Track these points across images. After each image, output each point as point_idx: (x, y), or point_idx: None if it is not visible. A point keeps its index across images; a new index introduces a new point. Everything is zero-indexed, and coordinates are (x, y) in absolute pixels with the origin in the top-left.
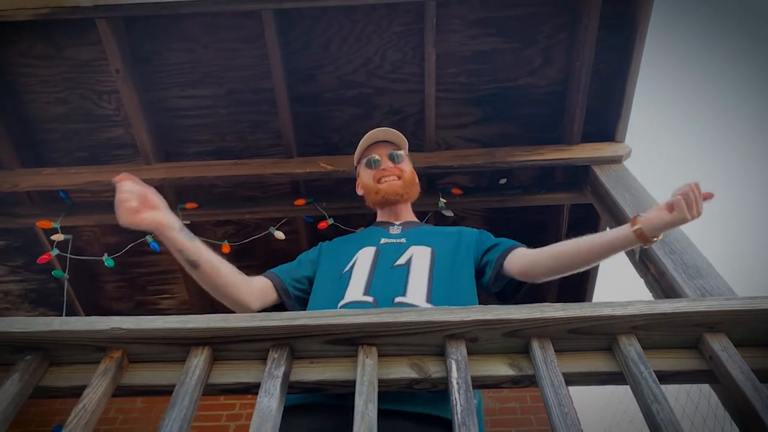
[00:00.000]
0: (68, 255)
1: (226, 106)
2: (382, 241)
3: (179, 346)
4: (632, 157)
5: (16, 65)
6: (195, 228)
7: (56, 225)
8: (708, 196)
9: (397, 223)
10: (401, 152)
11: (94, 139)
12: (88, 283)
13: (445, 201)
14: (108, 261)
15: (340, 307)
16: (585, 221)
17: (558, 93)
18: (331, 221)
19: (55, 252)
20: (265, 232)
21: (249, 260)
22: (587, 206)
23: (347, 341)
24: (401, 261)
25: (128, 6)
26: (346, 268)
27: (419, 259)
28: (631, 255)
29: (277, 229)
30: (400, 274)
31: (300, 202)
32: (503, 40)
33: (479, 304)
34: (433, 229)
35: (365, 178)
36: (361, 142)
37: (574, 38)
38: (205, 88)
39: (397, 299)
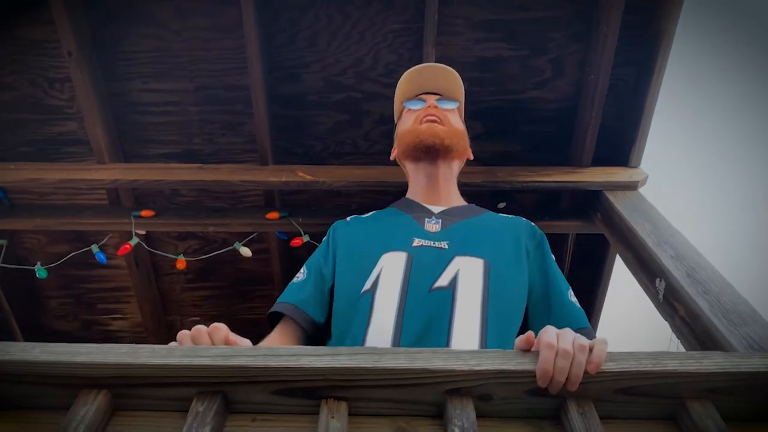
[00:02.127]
0: None
1: (195, 104)
2: (416, 243)
3: (62, 387)
4: (647, 184)
5: None
6: (153, 240)
7: None
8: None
9: (437, 210)
10: (454, 104)
11: (42, 132)
12: (28, 298)
13: None
14: (40, 271)
15: None
16: (591, 253)
17: (568, 109)
18: (306, 239)
19: None
20: (229, 248)
21: (214, 280)
22: (595, 236)
23: (306, 393)
24: (443, 282)
25: None
26: (366, 286)
27: (468, 279)
28: (653, 295)
29: (243, 245)
30: (441, 305)
31: (272, 215)
32: (510, 47)
33: None
34: (483, 220)
35: (404, 122)
36: (402, 82)
37: (590, 49)
38: (172, 81)
39: None
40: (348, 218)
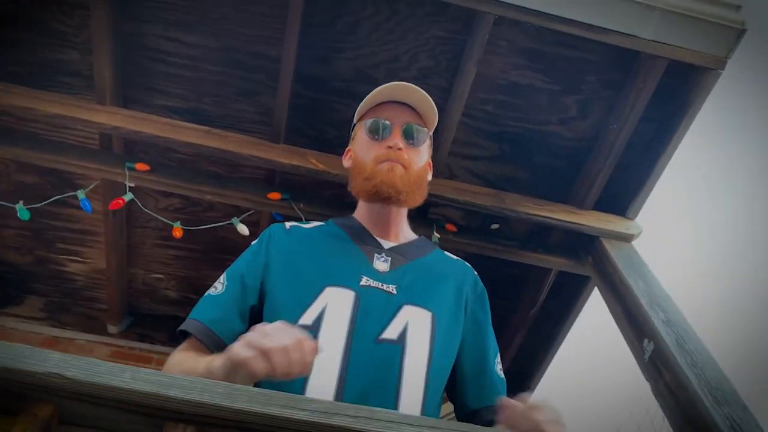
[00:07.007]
0: None
1: (215, 63)
2: (363, 281)
3: (146, 417)
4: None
5: None
6: (138, 193)
7: None
8: None
9: (387, 246)
10: (424, 130)
11: (38, 55)
12: None
13: (439, 236)
14: (22, 212)
15: None
16: (567, 290)
17: (583, 151)
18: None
19: None
20: (226, 222)
21: (188, 242)
22: (575, 276)
23: None
24: (391, 334)
25: None
26: (306, 320)
27: (417, 336)
28: (638, 353)
29: (241, 222)
30: (389, 362)
31: (274, 196)
32: (544, 79)
33: None
34: (430, 262)
35: (361, 148)
36: (373, 92)
37: (619, 99)
38: (197, 35)
39: None
40: (288, 225)
